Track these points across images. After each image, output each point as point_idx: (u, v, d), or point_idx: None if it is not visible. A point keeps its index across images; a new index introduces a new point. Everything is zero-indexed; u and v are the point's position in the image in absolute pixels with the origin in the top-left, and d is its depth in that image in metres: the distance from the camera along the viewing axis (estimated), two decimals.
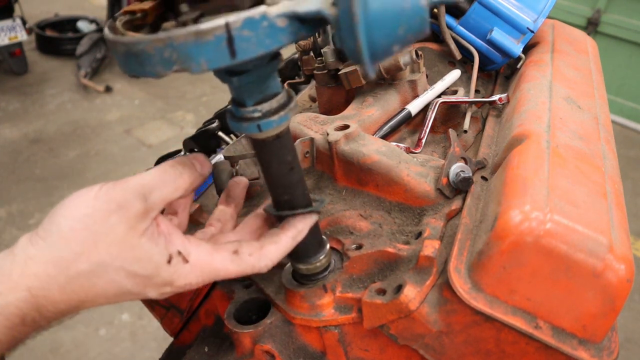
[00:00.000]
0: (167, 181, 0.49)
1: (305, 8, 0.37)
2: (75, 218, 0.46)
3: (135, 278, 0.48)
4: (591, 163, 0.62)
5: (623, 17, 3.86)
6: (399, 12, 0.36)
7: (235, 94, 0.47)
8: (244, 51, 0.37)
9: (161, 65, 0.38)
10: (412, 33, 0.37)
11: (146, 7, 0.44)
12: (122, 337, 2.32)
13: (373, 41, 0.36)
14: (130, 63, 0.40)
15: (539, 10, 0.91)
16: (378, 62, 0.39)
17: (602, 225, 0.52)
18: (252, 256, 0.52)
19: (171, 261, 0.48)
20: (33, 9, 5.34)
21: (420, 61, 0.84)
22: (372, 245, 0.62)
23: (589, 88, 0.81)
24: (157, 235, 0.48)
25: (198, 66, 0.38)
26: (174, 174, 0.49)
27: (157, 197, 0.48)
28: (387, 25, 0.36)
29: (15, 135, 3.69)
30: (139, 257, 0.47)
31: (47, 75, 4.55)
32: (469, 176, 0.64)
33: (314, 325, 0.62)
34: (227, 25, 0.36)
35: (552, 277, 0.51)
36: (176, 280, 0.49)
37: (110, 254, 0.46)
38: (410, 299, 0.55)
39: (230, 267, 0.51)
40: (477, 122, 0.85)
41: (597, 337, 0.53)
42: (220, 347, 0.73)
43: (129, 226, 0.46)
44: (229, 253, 0.52)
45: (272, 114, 0.46)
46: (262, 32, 0.37)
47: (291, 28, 0.38)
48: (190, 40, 0.37)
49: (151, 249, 0.48)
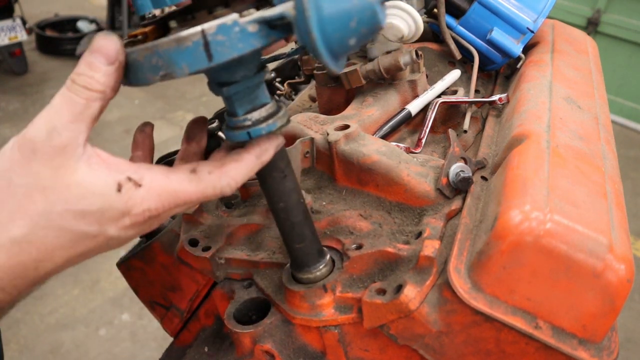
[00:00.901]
0: (75, 103, 0.44)
1: (271, 13, 0.41)
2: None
3: (85, 217, 0.44)
4: (591, 163, 0.62)
5: (623, 17, 3.86)
6: (349, 7, 0.39)
7: (227, 104, 0.51)
8: (220, 54, 0.41)
9: (150, 72, 0.43)
10: (365, 27, 0.40)
11: (146, 30, 0.49)
12: (122, 337, 2.32)
13: (327, 36, 0.39)
14: (126, 73, 0.45)
15: (539, 10, 0.91)
16: (339, 57, 0.42)
17: (602, 225, 0.52)
18: (211, 174, 0.49)
19: (121, 189, 0.44)
20: (33, 9, 5.34)
21: (420, 61, 0.84)
22: (372, 245, 0.62)
23: (589, 88, 0.81)
24: (96, 167, 0.45)
25: (180, 70, 0.42)
26: (79, 92, 0.45)
27: (69, 129, 0.44)
28: (338, 20, 0.39)
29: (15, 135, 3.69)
30: (81, 194, 0.43)
31: (47, 75, 4.55)
32: (468, 176, 0.64)
33: (314, 325, 0.62)
34: (203, 31, 0.41)
35: (552, 277, 0.51)
36: (133, 207, 0.45)
37: (48, 200, 0.43)
38: (410, 299, 0.55)
39: (189, 187, 0.47)
40: (477, 122, 0.85)
41: (597, 337, 0.53)
42: (220, 347, 0.73)
43: (54, 167, 0.43)
44: (186, 172, 0.48)
45: (261, 122, 0.50)
46: (235, 37, 0.41)
47: (262, 32, 0.42)
48: (172, 46, 0.41)
49: (92, 182, 0.44)
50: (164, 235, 0.78)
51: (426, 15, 0.97)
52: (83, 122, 0.44)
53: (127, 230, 0.47)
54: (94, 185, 0.44)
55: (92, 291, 2.55)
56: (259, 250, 0.70)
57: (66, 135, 0.43)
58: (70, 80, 0.45)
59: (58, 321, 2.38)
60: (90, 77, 0.44)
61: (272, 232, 0.72)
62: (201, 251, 0.70)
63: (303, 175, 0.76)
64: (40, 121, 0.44)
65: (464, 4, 0.93)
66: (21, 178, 0.43)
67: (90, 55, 0.44)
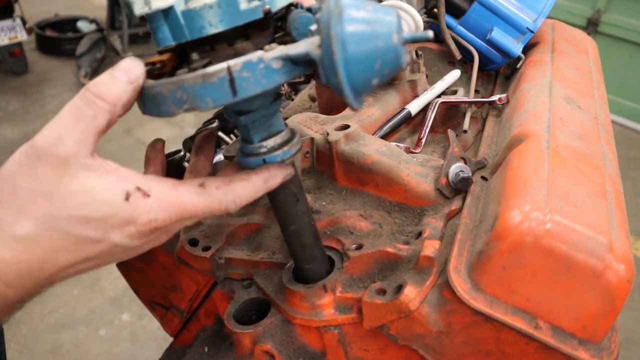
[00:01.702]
0: (83, 114, 0.45)
1: (296, 51, 0.42)
2: (4, 178, 0.44)
3: (89, 223, 0.45)
4: (591, 163, 0.62)
5: (623, 17, 3.86)
6: (374, 50, 0.40)
7: (243, 132, 0.52)
8: (244, 90, 0.43)
9: (174, 105, 0.44)
10: (388, 68, 0.41)
11: (164, 59, 0.49)
12: (122, 337, 2.32)
13: (352, 77, 0.40)
14: (148, 104, 0.46)
15: (539, 10, 0.91)
16: (361, 95, 0.43)
17: (602, 225, 0.52)
18: (219, 190, 0.49)
19: (129, 197, 0.45)
20: (33, 9, 5.34)
21: (420, 61, 0.84)
22: (372, 245, 0.62)
23: (589, 88, 0.81)
24: (105, 176, 0.45)
25: (205, 105, 0.43)
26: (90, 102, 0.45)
27: (73, 139, 0.44)
28: (364, 62, 0.40)
29: (15, 135, 3.69)
30: (86, 201, 0.44)
31: (47, 75, 4.55)
32: (468, 176, 0.64)
33: (314, 325, 0.62)
34: (229, 68, 0.42)
35: (552, 277, 0.51)
36: (139, 216, 0.46)
37: (53, 205, 0.44)
38: (410, 299, 0.55)
39: (197, 201, 0.48)
40: (477, 122, 0.85)
41: (597, 337, 0.53)
42: (220, 347, 0.73)
43: (57, 175, 0.44)
44: (195, 186, 0.49)
45: (276, 149, 0.51)
46: (259, 73, 0.43)
47: (285, 69, 0.43)
48: (198, 82, 0.42)
49: (100, 190, 0.45)
50: None
51: (426, 15, 0.97)
52: (89, 134, 0.45)
53: (132, 239, 0.47)
54: (101, 194, 0.45)
55: (92, 291, 2.55)
56: (259, 250, 0.70)
57: (70, 146, 0.44)
58: (84, 89, 0.45)
59: (58, 321, 2.38)
60: (107, 87, 0.45)
61: (272, 232, 0.72)
62: (201, 251, 0.70)
63: (303, 175, 0.76)
64: (48, 129, 0.45)
65: (464, 4, 0.93)
66: (25, 182, 0.44)
67: (114, 70, 0.46)
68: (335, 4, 0.40)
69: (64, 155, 0.44)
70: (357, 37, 0.39)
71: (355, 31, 0.40)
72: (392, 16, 0.41)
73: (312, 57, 0.42)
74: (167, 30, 0.46)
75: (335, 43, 0.39)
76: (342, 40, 0.39)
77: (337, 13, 0.39)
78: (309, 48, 0.42)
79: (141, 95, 0.46)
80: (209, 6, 0.44)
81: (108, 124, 0.46)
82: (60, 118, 0.45)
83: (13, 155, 0.45)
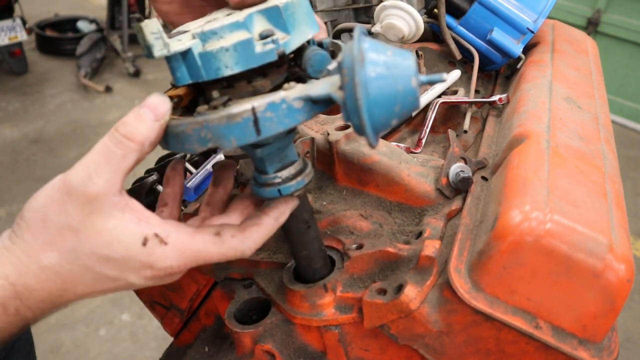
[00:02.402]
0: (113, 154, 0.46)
1: (318, 92, 0.44)
2: (36, 209, 0.47)
3: (109, 262, 0.47)
4: (591, 163, 0.62)
5: (623, 17, 3.86)
6: (395, 94, 0.42)
7: (258, 163, 0.53)
8: (267, 129, 0.44)
9: (197, 143, 0.45)
10: (406, 110, 0.43)
11: (181, 93, 0.51)
12: (122, 337, 2.32)
13: (374, 119, 0.42)
14: (171, 141, 0.47)
15: (539, 11, 0.91)
16: (380, 133, 0.45)
17: (602, 225, 0.52)
18: (234, 238, 0.51)
19: (147, 243, 0.47)
20: (33, 9, 5.34)
21: (420, 61, 0.84)
22: (373, 245, 0.62)
23: (589, 88, 0.81)
24: (128, 217, 0.47)
25: (229, 143, 0.45)
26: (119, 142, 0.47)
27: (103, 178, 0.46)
28: (385, 106, 0.42)
29: (15, 135, 3.69)
30: (108, 241, 0.46)
31: (47, 75, 4.55)
32: (468, 176, 0.64)
33: (314, 324, 0.62)
34: (253, 109, 0.43)
35: (552, 277, 0.51)
36: (155, 262, 0.48)
37: (78, 240, 0.46)
38: (410, 299, 0.55)
39: (212, 249, 0.50)
40: (477, 122, 0.85)
41: (597, 337, 0.53)
42: (220, 347, 0.73)
43: (85, 212, 0.46)
44: (211, 235, 0.51)
45: (290, 179, 0.53)
46: (282, 113, 0.44)
47: (306, 108, 0.45)
48: (222, 122, 0.44)
49: (121, 231, 0.47)
50: None
51: (426, 15, 0.97)
52: (118, 173, 0.47)
53: (147, 280, 0.49)
54: (122, 235, 0.47)
55: None
56: (259, 250, 0.70)
57: (100, 185, 0.46)
58: (113, 129, 0.47)
59: (58, 321, 2.38)
60: (135, 128, 0.46)
61: None
62: None
63: None
64: (80, 166, 0.47)
65: (464, 4, 0.93)
66: (56, 215, 0.46)
67: (141, 109, 0.47)
68: (358, 50, 0.41)
69: (93, 193, 0.46)
70: (379, 83, 0.41)
71: (378, 77, 0.41)
72: (410, 60, 0.43)
73: (335, 99, 0.43)
74: (185, 70, 0.47)
75: (360, 90, 0.40)
76: (366, 86, 0.41)
77: (360, 59, 0.41)
78: (330, 90, 0.43)
79: (165, 134, 0.48)
80: (225, 49, 0.45)
81: (136, 162, 0.48)
82: (91, 156, 0.47)
83: (46, 187, 0.48)
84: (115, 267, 0.47)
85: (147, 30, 0.44)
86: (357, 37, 0.43)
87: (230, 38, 0.46)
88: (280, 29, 0.47)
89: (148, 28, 0.44)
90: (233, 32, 0.46)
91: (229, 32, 0.46)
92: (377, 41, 0.44)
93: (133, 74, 4.51)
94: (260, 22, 0.47)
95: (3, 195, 3.11)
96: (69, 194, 0.46)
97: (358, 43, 0.42)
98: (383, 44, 0.44)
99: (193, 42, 0.45)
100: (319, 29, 0.52)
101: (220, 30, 0.46)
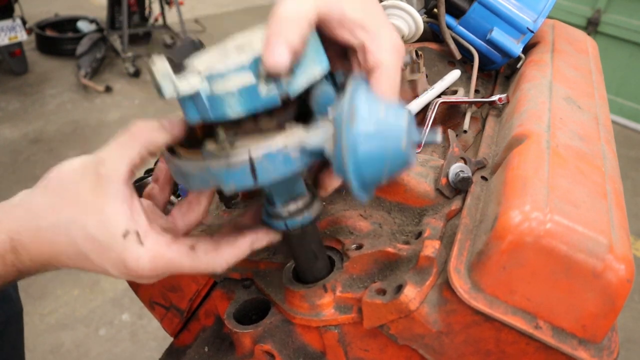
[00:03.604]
0: (129, 146, 0.51)
1: (312, 144, 0.46)
2: (59, 171, 0.52)
3: (93, 242, 0.49)
4: (591, 163, 0.62)
5: (623, 17, 3.86)
6: (384, 154, 0.43)
7: (267, 195, 0.55)
8: (264, 176, 0.46)
9: (201, 183, 0.48)
10: (396, 169, 0.44)
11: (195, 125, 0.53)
12: (122, 337, 2.32)
13: (361, 178, 0.43)
14: (179, 177, 0.51)
15: (539, 10, 0.91)
16: (371, 190, 0.47)
17: (602, 225, 0.52)
18: (207, 255, 0.53)
19: (126, 236, 0.49)
20: (33, 9, 5.34)
21: (420, 61, 0.84)
22: (372, 245, 0.62)
23: (589, 88, 0.81)
24: (122, 209, 0.49)
25: (228, 187, 0.47)
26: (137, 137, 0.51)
27: (116, 163, 0.50)
28: (373, 166, 0.43)
29: (15, 135, 3.69)
30: (101, 221, 0.49)
31: (47, 75, 4.55)
32: (468, 176, 0.64)
33: (314, 325, 0.62)
34: (251, 158, 0.46)
35: (552, 277, 0.51)
36: (128, 259, 0.49)
37: (76, 211, 0.49)
38: (410, 299, 0.55)
39: (185, 262, 0.52)
40: (477, 122, 0.85)
41: (597, 337, 0.53)
42: (220, 347, 0.73)
43: (92, 188, 0.49)
44: (186, 247, 0.52)
45: (297, 213, 0.55)
46: (279, 162, 0.46)
47: (302, 157, 0.47)
48: (222, 168, 0.46)
49: (112, 218, 0.49)
50: None
51: (426, 15, 0.97)
52: (125, 163, 0.50)
53: (122, 274, 0.51)
54: (111, 222, 0.49)
55: (92, 291, 2.55)
56: (259, 252, 0.70)
57: (110, 169, 0.50)
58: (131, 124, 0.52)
59: (58, 321, 2.38)
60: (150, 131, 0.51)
61: None
62: None
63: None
64: (104, 149, 0.52)
65: (464, 4, 0.93)
66: (71, 185, 0.51)
67: (162, 120, 0.52)
68: (349, 108, 0.42)
69: (103, 175, 0.50)
70: (368, 143, 0.42)
71: (367, 137, 0.42)
72: (403, 119, 0.43)
73: (326, 154, 0.45)
74: (194, 110, 0.48)
75: (346, 151, 0.42)
76: (354, 147, 0.42)
77: (349, 118, 0.42)
78: (324, 143, 0.45)
79: (173, 170, 0.51)
80: (231, 93, 0.46)
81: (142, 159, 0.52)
82: (112, 142, 0.52)
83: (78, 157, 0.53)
84: (97, 251, 0.49)
85: (157, 71, 0.45)
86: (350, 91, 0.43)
87: (236, 81, 0.46)
88: None
89: (158, 69, 0.45)
90: (239, 75, 0.47)
91: (235, 74, 0.47)
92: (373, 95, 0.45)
93: (133, 74, 4.51)
94: None
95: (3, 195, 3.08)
96: (84, 168, 0.51)
97: (350, 99, 0.43)
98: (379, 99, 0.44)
99: (201, 85, 0.47)
100: (328, 66, 0.51)
101: (226, 75, 0.47)
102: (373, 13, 0.51)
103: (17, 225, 0.51)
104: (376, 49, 0.51)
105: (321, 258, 0.61)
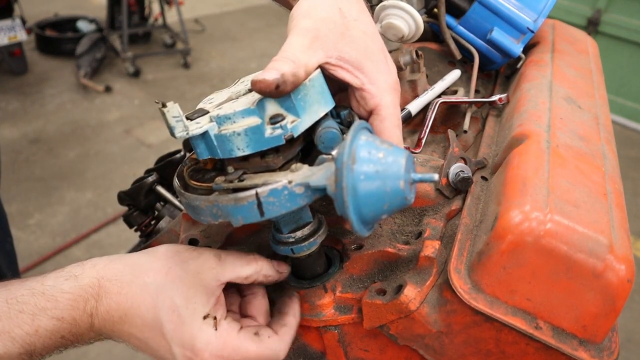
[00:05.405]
0: (243, 263, 0.56)
1: (316, 182, 0.48)
2: (167, 248, 0.56)
3: (174, 312, 0.52)
4: (591, 163, 0.62)
5: (623, 17, 3.86)
6: (382, 194, 0.45)
7: (275, 222, 0.58)
8: (270, 212, 0.49)
9: (210, 217, 0.51)
10: (396, 207, 0.46)
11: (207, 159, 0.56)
12: None
13: (361, 215, 0.46)
14: (189, 210, 0.53)
15: (539, 10, 0.91)
16: (372, 226, 0.49)
17: (602, 225, 0.52)
18: (270, 338, 0.56)
19: (206, 318, 0.53)
20: (33, 9, 5.34)
21: (420, 61, 0.84)
22: (373, 246, 0.62)
23: (589, 88, 0.81)
24: (214, 299, 0.54)
25: (236, 221, 0.50)
26: (253, 261, 0.56)
27: (232, 268, 0.55)
28: (372, 205, 0.45)
29: (15, 135, 3.69)
30: (188, 298, 0.53)
31: (47, 75, 4.55)
32: (468, 176, 0.64)
33: (314, 325, 0.62)
34: (257, 194, 0.48)
35: (552, 278, 0.51)
36: (199, 339, 0.52)
37: (172, 281, 0.53)
38: (410, 299, 0.55)
39: (251, 346, 0.54)
40: (477, 122, 0.84)
41: (598, 337, 0.53)
42: None
43: (197, 271, 0.54)
44: (251, 334, 0.55)
45: (303, 240, 0.57)
46: (284, 198, 0.48)
47: (306, 194, 0.49)
48: (230, 203, 0.49)
49: (200, 296, 0.53)
50: (164, 235, 0.78)
51: (426, 15, 0.97)
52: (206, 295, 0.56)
53: (184, 357, 0.53)
54: (196, 300, 0.53)
55: None
56: (259, 251, 0.70)
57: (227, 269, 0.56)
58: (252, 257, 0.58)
59: None
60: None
61: None
62: None
63: None
64: None
65: (464, 3, 0.93)
66: (178, 256, 0.56)
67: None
68: (349, 151, 0.45)
69: (219, 271, 0.55)
70: (367, 185, 0.44)
71: (366, 179, 0.44)
72: (401, 161, 0.45)
73: (328, 193, 0.47)
74: (204, 147, 0.51)
75: (347, 194, 0.44)
76: (354, 189, 0.44)
77: (350, 162, 0.44)
78: (326, 181, 0.47)
79: (184, 203, 0.54)
80: (237, 133, 0.49)
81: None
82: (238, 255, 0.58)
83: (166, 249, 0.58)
84: (174, 321, 0.52)
85: (169, 114, 0.48)
86: (352, 132, 0.46)
87: (243, 123, 0.50)
88: (291, 112, 0.50)
89: (170, 112, 0.48)
90: (245, 118, 0.50)
91: (242, 117, 0.50)
92: (373, 136, 0.47)
93: (133, 73, 4.51)
94: (271, 107, 0.50)
95: (3, 195, 3.09)
96: (199, 254, 0.56)
97: (351, 140, 0.45)
98: (379, 141, 0.47)
99: (210, 125, 0.50)
100: (333, 105, 0.54)
101: (233, 116, 0.50)
102: (371, 53, 0.54)
103: (111, 274, 0.53)
104: (375, 91, 0.54)
105: (324, 275, 0.63)
